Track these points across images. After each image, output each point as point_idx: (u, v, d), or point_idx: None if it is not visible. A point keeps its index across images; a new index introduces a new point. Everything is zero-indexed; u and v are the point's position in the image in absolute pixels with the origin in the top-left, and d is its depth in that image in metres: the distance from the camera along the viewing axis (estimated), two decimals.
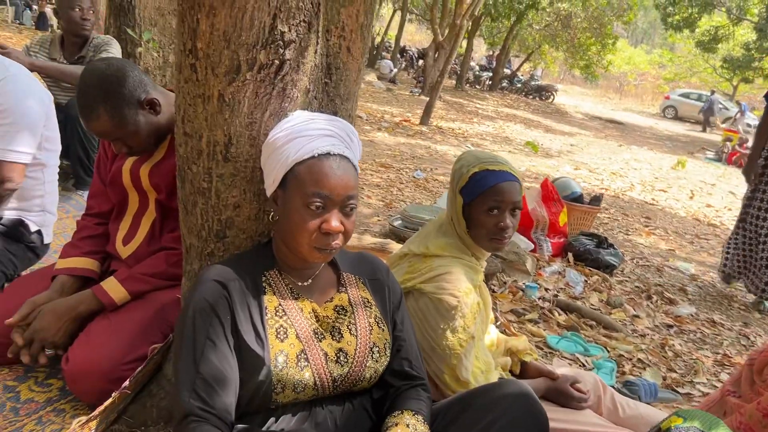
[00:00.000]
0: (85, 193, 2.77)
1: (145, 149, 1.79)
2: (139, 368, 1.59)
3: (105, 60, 1.68)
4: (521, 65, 29.10)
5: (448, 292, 1.54)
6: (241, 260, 1.32)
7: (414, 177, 6.26)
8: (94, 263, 1.90)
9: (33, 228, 2.13)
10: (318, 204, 1.20)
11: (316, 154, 1.22)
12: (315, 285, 1.35)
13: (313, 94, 1.50)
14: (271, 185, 1.30)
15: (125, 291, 1.74)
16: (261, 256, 1.34)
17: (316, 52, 1.44)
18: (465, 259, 1.63)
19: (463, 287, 1.55)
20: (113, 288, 1.75)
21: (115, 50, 3.15)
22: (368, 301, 1.37)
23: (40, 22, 16.43)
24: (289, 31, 1.32)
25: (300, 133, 1.25)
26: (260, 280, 1.28)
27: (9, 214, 2.07)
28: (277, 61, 1.33)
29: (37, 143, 2.04)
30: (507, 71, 27.42)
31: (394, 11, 27.15)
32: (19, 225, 2.07)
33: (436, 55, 16.48)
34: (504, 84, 25.92)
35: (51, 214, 2.21)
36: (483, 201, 1.57)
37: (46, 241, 2.20)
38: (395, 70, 21.90)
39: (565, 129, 16.57)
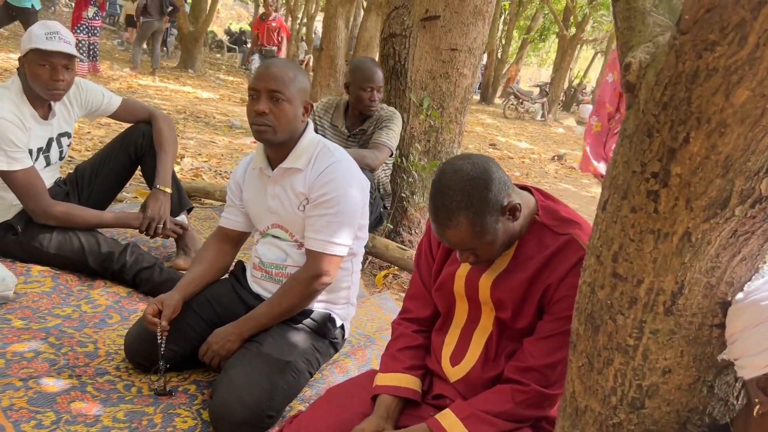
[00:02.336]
0: None
1: (493, 259, 1.51)
2: None
3: (469, 158, 1.42)
4: None
5: None
6: None
7: None
8: (417, 382, 1.64)
9: (338, 322, 1.95)
10: None
11: None
12: None
13: None
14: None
15: None
16: None
17: None
18: None
19: None
20: (453, 425, 1.46)
21: (397, 126, 3.02)
22: None
23: None
24: None
25: None
26: None
27: (318, 308, 1.91)
28: None
29: (354, 234, 1.87)
30: None
31: (595, 54, 26.08)
32: (327, 320, 1.91)
33: None
34: None
35: (353, 305, 2.04)
36: None
37: (346, 336, 2.03)
38: None
39: None
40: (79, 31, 9.58)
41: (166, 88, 10.21)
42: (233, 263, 2.09)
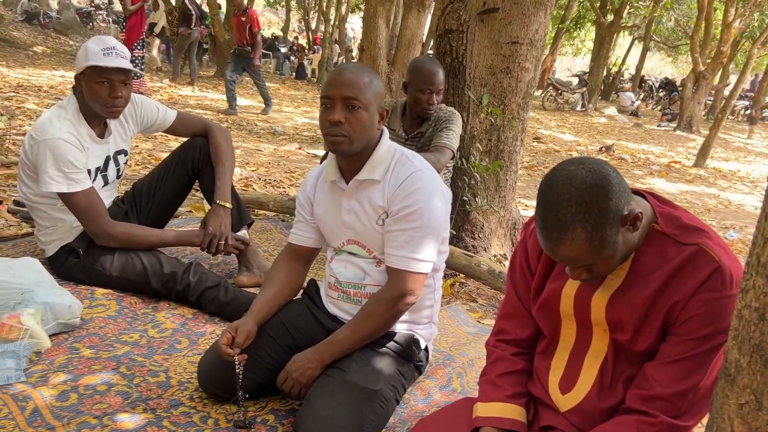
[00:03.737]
0: None
1: (608, 274, 1.35)
2: None
3: (582, 163, 1.25)
4: None
5: None
6: None
7: (727, 238, 5.27)
8: (522, 412, 1.48)
9: (422, 344, 1.81)
10: None
11: None
12: None
13: None
14: None
15: None
16: None
17: None
18: None
19: None
20: None
21: (457, 127, 2.86)
22: None
23: (299, 72, 18.05)
24: None
25: None
26: None
27: (401, 330, 1.77)
28: None
29: (438, 248, 1.72)
30: None
31: (633, 40, 25.36)
32: (412, 342, 1.77)
33: (695, 87, 14.77)
34: (766, 114, 22.59)
35: (435, 324, 1.89)
36: None
37: (430, 358, 1.89)
38: (637, 102, 20.26)
39: None
40: (138, 47, 8.88)
41: (205, 97, 10.25)
42: (305, 282, 1.97)
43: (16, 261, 2.11)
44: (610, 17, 18.58)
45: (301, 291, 1.96)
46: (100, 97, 2.17)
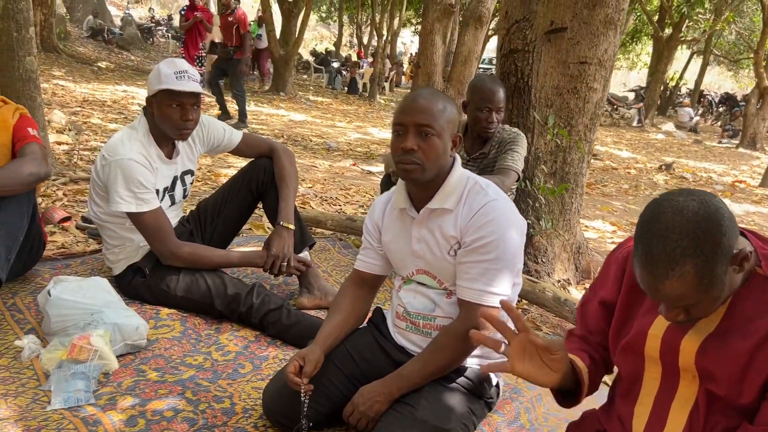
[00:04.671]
0: None
1: (704, 317, 1.26)
2: None
3: (690, 194, 1.16)
4: None
5: None
6: None
7: None
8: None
9: (494, 380, 1.74)
10: None
11: None
12: None
13: None
14: None
15: None
16: None
17: None
18: None
19: None
20: None
21: (522, 148, 2.79)
22: None
23: (351, 86, 18.20)
24: None
25: None
26: None
27: (471, 364, 1.71)
28: None
29: (513, 280, 1.66)
30: None
31: (692, 54, 24.63)
32: (483, 379, 1.70)
33: (760, 102, 14.20)
34: None
35: (506, 357, 1.82)
36: None
37: (500, 394, 1.81)
38: (696, 117, 19.61)
39: None
40: (197, 64, 8.76)
41: (261, 112, 10.42)
42: (371, 310, 1.93)
43: (87, 281, 2.14)
44: (668, 31, 18.12)
45: (367, 319, 1.92)
46: (171, 119, 2.20)
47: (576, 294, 3.26)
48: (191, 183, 2.56)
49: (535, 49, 3.05)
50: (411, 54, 33.06)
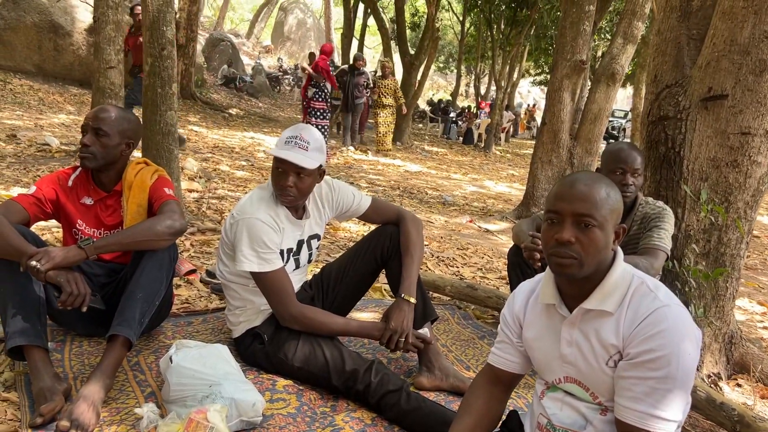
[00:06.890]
0: None
1: None
2: None
3: None
4: None
5: None
6: None
7: None
8: None
9: None
10: None
11: None
12: None
13: None
14: None
15: None
16: None
17: None
18: None
19: None
20: None
21: (670, 225, 2.51)
22: None
23: (467, 137, 18.14)
24: None
25: None
26: None
27: None
28: None
29: (685, 403, 1.40)
30: None
31: None
32: None
33: None
34: None
35: None
36: None
37: None
38: None
39: None
40: (310, 115, 9.14)
41: (377, 162, 10.53)
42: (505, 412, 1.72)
43: (208, 348, 2.09)
44: None
45: (500, 422, 1.72)
46: (275, 183, 2.23)
47: (729, 391, 2.85)
48: (317, 248, 2.50)
49: (689, 117, 2.76)
50: (528, 105, 32.68)
